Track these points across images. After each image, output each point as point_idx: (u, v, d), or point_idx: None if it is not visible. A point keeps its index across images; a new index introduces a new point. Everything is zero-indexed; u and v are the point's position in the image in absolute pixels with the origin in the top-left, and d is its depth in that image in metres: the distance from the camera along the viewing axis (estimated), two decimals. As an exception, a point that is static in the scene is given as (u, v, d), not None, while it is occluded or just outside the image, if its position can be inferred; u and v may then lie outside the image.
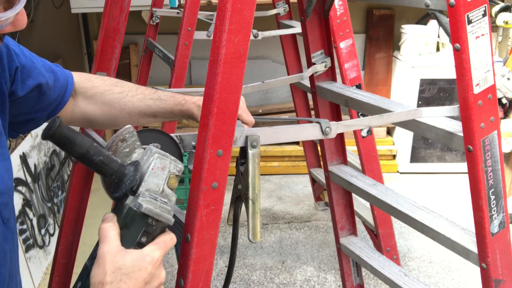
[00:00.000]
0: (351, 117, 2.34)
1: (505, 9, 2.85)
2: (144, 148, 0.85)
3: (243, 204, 1.00)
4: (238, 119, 0.91)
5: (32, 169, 2.53)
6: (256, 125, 1.14)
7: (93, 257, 0.80)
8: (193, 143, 0.98)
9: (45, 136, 0.75)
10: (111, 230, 0.78)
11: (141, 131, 0.92)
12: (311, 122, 1.12)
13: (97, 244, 0.79)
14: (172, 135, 1.01)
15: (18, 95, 0.97)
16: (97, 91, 1.13)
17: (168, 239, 0.82)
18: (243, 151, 0.98)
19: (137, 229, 0.79)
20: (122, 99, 1.12)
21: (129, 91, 1.14)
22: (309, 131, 1.12)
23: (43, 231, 2.51)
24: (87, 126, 1.25)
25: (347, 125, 1.16)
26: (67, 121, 1.14)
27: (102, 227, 0.78)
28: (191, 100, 1.13)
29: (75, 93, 1.12)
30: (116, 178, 0.80)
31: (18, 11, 0.73)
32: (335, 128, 1.12)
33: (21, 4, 0.74)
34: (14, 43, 0.99)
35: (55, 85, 1.05)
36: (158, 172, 0.81)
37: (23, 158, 2.45)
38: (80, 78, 1.13)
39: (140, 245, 0.80)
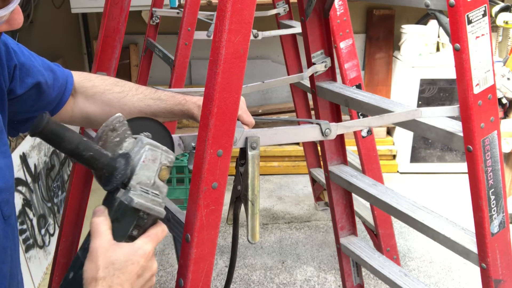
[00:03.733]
0: (351, 117, 2.34)
1: (505, 9, 2.85)
2: (135, 138, 0.84)
3: (243, 205, 1.00)
4: (238, 119, 0.91)
5: (32, 169, 2.53)
6: (256, 125, 1.14)
7: (84, 248, 0.79)
8: (193, 144, 0.98)
9: (34, 132, 0.74)
10: (103, 225, 0.78)
11: (132, 119, 0.91)
12: (311, 123, 1.12)
13: (89, 234, 0.79)
14: (174, 135, 1.00)
15: (17, 93, 0.97)
16: (97, 90, 1.12)
17: (160, 231, 0.82)
18: (243, 152, 0.98)
19: (128, 223, 0.79)
20: (122, 99, 1.12)
21: (130, 90, 1.14)
22: (309, 133, 1.12)
23: (43, 231, 2.51)
24: (87, 125, 1.24)
25: (347, 126, 1.16)
26: (67, 121, 1.14)
27: (94, 221, 0.78)
28: (192, 100, 1.13)
29: (75, 93, 1.12)
30: (107, 172, 0.80)
31: (11, 9, 0.72)
32: (335, 129, 1.12)
33: (15, 2, 0.73)
34: (13, 42, 0.98)
35: (54, 84, 1.05)
36: (149, 164, 0.80)
37: (23, 158, 2.45)
38: (80, 78, 1.13)
39: (132, 238, 0.80)
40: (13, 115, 0.98)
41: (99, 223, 0.78)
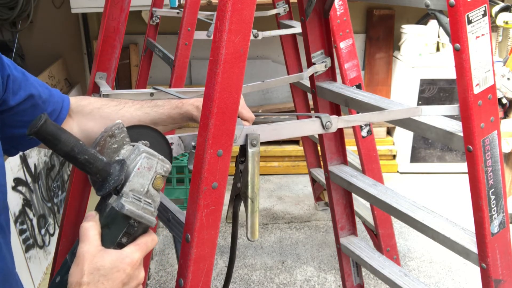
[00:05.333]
0: (351, 117, 2.33)
1: (505, 9, 2.85)
2: (133, 145, 0.84)
3: (242, 202, 1.00)
4: (238, 116, 0.91)
5: (32, 169, 2.53)
6: (256, 123, 1.13)
7: (73, 252, 0.79)
8: (193, 143, 0.98)
9: (30, 132, 0.74)
10: (92, 230, 0.78)
11: (131, 127, 0.91)
12: (310, 117, 1.12)
13: (78, 240, 0.79)
14: (173, 136, 1.00)
15: (10, 105, 0.97)
16: (94, 106, 1.13)
17: (149, 240, 0.82)
18: (243, 149, 0.97)
19: (118, 229, 0.79)
20: (120, 111, 1.13)
21: (126, 103, 1.15)
22: (310, 126, 1.12)
23: (43, 231, 2.51)
24: (89, 144, 1.22)
25: (347, 120, 1.16)
26: None
27: (83, 226, 0.78)
28: (188, 102, 1.14)
29: (73, 113, 1.12)
30: (101, 177, 0.80)
31: None
32: (336, 122, 1.12)
33: None
34: (6, 58, 0.99)
35: (49, 99, 1.06)
36: (144, 172, 0.80)
37: (23, 158, 2.45)
38: (76, 99, 1.15)
39: (120, 245, 0.80)
40: (10, 130, 0.99)
41: (88, 228, 0.78)
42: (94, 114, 1.13)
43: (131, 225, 0.79)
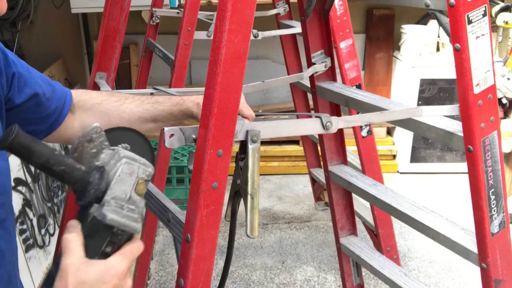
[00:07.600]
0: (351, 117, 2.33)
1: (505, 9, 2.85)
2: (113, 149, 0.81)
3: (242, 200, 0.99)
4: (238, 114, 0.91)
5: (32, 169, 2.53)
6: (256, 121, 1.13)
7: (57, 262, 0.76)
8: (194, 136, 0.96)
9: (1, 145, 0.71)
10: (75, 241, 0.75)
11: (110, 129, 0.88)
12: (311, 117, 1.12)
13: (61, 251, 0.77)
14: (174, 127, 0.98)
15: (15, 103, 0.96)
16: (95, 101, 1.13)
17: (135, 248, 0.79)
18: (243, 145, 0.97)
19: (101, 239, 0.76)
20: (120, 107, 1.13)
21: (126, 98, 1.14)
22: (310, 126, 1.12)
23: (43, 231, 2.51)
24: None
25: (347, 121, 1.16)
26: (68, 137, 1.13)
27: (65, 238, 0.75)
28: (189, 99, 1.13)
29: (74, 108, 1.12)
30: (80, 187, 0.77)
31: None
32: (336, 122, 1.12)
33: None
34: (11, 54, 0.98)
35: (52, 96, 1.05)
36: (125, 178, 0.77)
37: (23, 158, 2.45)
38: (78, 93, 1.14)
39: (105, 255, 0.76)
40: None
41: (71, 240, 0.75)
42: (95, 109, 1.13)
43: (114, 233, 0.76)
